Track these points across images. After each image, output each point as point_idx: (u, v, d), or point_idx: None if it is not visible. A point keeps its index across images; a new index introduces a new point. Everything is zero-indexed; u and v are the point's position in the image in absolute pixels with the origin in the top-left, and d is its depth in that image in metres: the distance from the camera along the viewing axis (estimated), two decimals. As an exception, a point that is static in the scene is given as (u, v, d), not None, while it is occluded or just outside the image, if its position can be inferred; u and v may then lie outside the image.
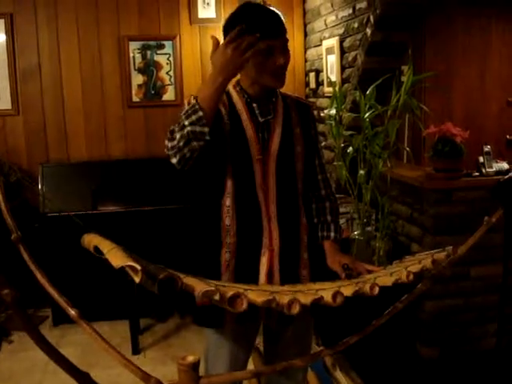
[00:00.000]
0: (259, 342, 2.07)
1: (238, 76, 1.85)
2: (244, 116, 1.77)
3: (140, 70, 4.42)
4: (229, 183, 1.75)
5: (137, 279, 1.00)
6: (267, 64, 1.71)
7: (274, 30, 1.72)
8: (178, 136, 1.56)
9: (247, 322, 1.76)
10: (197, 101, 1.56)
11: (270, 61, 1.71)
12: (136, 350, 3.52)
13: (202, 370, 1.19)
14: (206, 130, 1.55)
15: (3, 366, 3.39)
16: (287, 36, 1.77)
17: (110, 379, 3.07)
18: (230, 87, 1.84)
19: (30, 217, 3.81)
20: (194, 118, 1.54)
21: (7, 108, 4.28)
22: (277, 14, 1.75)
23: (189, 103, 1.62)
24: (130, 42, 4.36)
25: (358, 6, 3.45)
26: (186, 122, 1.54)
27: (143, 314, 3.85)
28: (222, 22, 4.65)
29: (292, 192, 1.84)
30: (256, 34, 1.54)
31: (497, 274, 2.82)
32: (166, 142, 1.60)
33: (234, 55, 1.52)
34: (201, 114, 1.54)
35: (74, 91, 4.37)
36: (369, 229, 3.24)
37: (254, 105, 1.79)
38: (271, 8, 1.78)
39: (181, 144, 1.56)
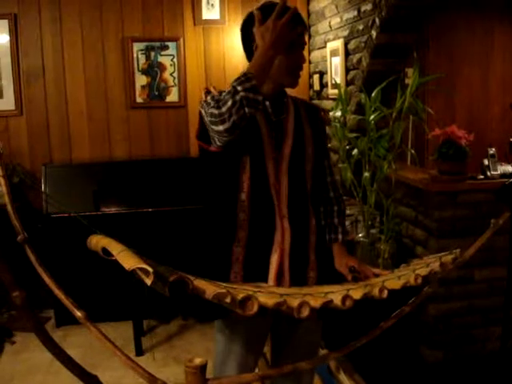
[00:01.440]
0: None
1: None
2: (257, 114, 1.78)
3: (144, 71, 4.42)
4: (245, 178, 1.75)
5: (148, 282, 0.99)
6: (291, 61, 1.75)
7: (300, 28, 1.76)
8: (229, 102, 1.54)
9: (257, 324, 1.76)
10: (248, 70, 1.58)
11: (294, 58, 1.75)
12: (139, 352, 3.51)
13: (209, 373, 1.19)
14: (260, 98, 1.57)
15: (6, 366, 3.39)
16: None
17: (113, 381, 3.06)
18: None
19: (33, 217, 3.81)
20: (247, 84, 1.54)
21: (11, 109, 4.28)
22: (298, 12, 1.77)
23: (208, 93, 1.66)
24: (134, 43, 4.36)
25: (363, 8, 3.44)
26: (240, 88, 1.54)
27: (146, 315, 3.84)
28: (226, 24, 4.65)
29: (302, 192, 1.85)
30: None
31: (501, 276, 2.82)
32: (212, 109, 1.58)
33: (283, 31, 1.57)
34: (254, 82, 1.55)
35: (78, 92, 4.37)
36: (373, 231, 3.23)
37: (267, 103, 1.80)
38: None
39: (233, 110, 1.54)
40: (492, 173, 3.02)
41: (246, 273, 1.76)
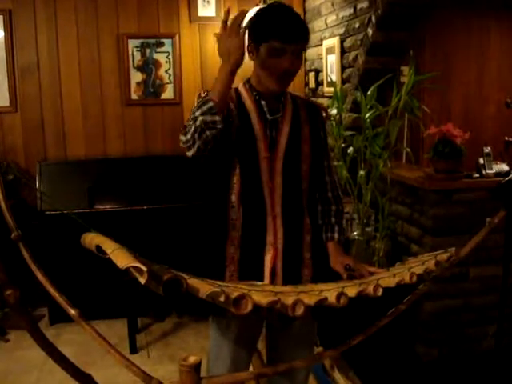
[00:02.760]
0: (260, 342, 2.06)
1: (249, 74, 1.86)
2: (253, 113, 1.78)
3: (139, 68, 4.40)
4: (235, 180, 1.76)
5: (142, 280, 0.98)
6: (272, 65, 1.71)
7: (289, 34, 1.69)
8: (191, 128, 1.61)
9: (251, 320, 1.76)
10: (207, 93, 1.61)
11: (274, 62, 1.71)
12: (134, 350, 3.50)
13: (203, 369, 1.19)
14: (217, 118, 1.59)
15: (0, 365, 3.37)
16: (304, 45, 1.76)
17: (106, 379, 3.05)
18: (240, 84, 1.84)
19: (28, 215, 3.79)
20: (204, 108, 1.58)
21: (5, 105, 4.26)
22: (297, 20, 1.74)
23: (199, 97, 1.67)
24: (129, 40, 4.34)
25: (359, 6, 3.44)
26: (197, 113, 1.59)
27: (141, 312, 3.84)
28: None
29: (297, 192, 1.84)
30: (243, 10, 1.61)
31: (495, 274, 2.83)
32: (181, 136, 1.67)
33: (228, 38, 1.57)
34: (211, 103, 1.58)
35: (73, 89, 4.35)
36: (368, 229, 3.23)
37: (263, 102, 1.79)
38: (295, 13, 1.76)
39: (195, 136, 1.60)
40: (487, 171, 3.03)
41: (242, 272, 1.76)
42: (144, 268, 0.98)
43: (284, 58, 1.70)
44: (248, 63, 1.79)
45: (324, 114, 1.95)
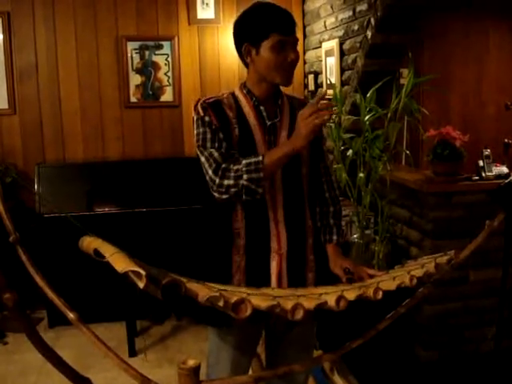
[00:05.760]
0: (259, 346, 2.05)
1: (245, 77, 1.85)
2: (252, 119, 1.77)
3: (138, 71, 4.39)
4: None
5: (141, 284, 0.98)
6: (278, 59, 1.71)
7: (287, 25, 1.73)
8: (231, 182, 1.63)
9: (252, 324, 1.75)
10: (263, 161, 1.62)
11: (281, 56, 1.72)
12: (132, 353, 3.49)
13: (202, 373, 1.18)
14: (260, 190, 1.64)
15: (-2, 367, 3.37)
16: (297, 36, 1.78)
17: (106, 382, 3.04)
18: (237, 89, 1.83)
19: (26, 217, 3.78)
20: (254, 175, 1.61)
21: (3, 107, 4.25)
22: (289, 12, 1.76)
23: (197, 113, 1.69)
24: (128, 42, 4.34)
25: (358, 9, 3.44)
26: (245, 177, 1.61)
27: (139, 315, 3.82)
28: (221, 23, 4.64)
29: (298, 195, 1.83)
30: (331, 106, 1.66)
31: (495, 277, 2.82)
32: (215, 177, 1.65)
33: (314, 126, 1.60)
34: (262, 175, 1.61)
35: (71, 91, 4.34)
36: (368, 232, 3.23)
37: (262, 108, 1.78)
38: (282, 7, 1.78)
39: (231, 191, 1.64)
40: (487, 174, 3.02)
41: (249, 280, 1.76)
42: (143, 272, 0.97)
43: (288, 49, 1.72)
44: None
45: None
